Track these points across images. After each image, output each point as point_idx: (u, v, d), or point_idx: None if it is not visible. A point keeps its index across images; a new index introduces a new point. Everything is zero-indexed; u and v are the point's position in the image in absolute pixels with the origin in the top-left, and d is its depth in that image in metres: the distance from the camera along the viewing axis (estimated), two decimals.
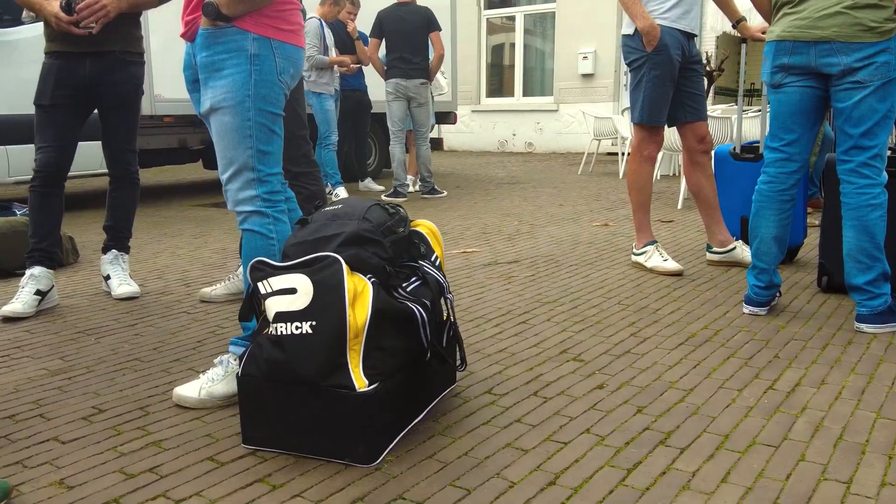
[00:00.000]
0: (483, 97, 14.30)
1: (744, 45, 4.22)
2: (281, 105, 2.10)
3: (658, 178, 8.03)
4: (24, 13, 5.55)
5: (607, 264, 3.93)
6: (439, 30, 6.81)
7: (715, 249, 3.83)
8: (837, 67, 2.64)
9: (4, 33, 5.55)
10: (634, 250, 3.85)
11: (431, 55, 6.92)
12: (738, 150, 4.10)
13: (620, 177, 8.60)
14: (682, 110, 3.71)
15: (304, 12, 2.63)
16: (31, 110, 3.15)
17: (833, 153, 2.97)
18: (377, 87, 7.40)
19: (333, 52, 6.74)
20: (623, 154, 8.82)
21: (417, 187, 7.34)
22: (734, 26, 3.74)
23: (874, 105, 2.63)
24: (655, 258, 3.72)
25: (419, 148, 7.02)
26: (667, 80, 3.57)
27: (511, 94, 14.07)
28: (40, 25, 3.19)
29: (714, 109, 6.77)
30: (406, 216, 2.09)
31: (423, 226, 2.16)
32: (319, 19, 6.67)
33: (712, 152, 3.86)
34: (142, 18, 3.35)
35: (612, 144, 10.49)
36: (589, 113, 9.42)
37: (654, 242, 3.79)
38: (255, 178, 2.07)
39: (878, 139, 2.67)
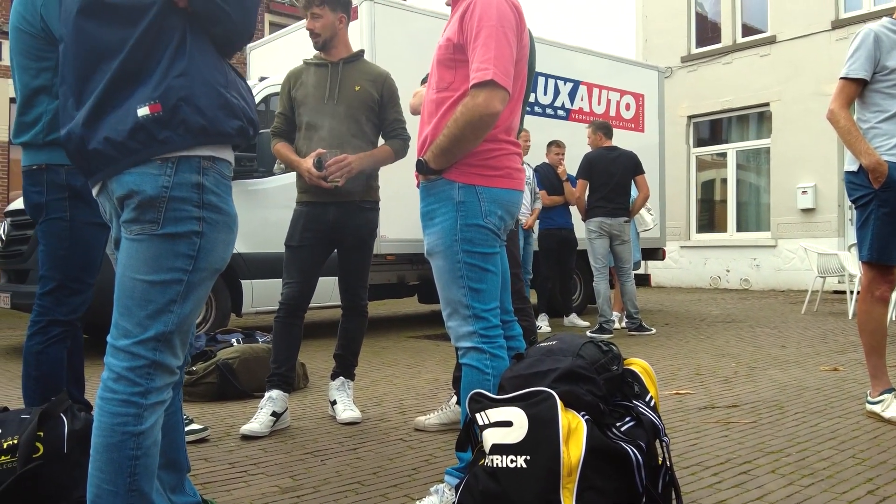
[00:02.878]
0: (693, 233, 14.01)
1: None
2: (492, 244, 2.24)
3: (894, 319, 7.31)
4: (276, 165, 6.41)
5: (838, 413, 3.61)
6: (644, 173, 6.95)
7: None
8: None
9: (259, 183, 6.40)
10: (869, 398, 3.51)
11: (634, 195, 7.06)
12: None
13: (850, 317, 7.93)
14: None
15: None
16: (275, 249, 3.58)
17: None
18: (580, 229, 7.61)
19: (528, 193, 7.09)
20: (852, 292, 8.17)
21: (623, 324, 7.25)
22: None
23: None
24: (894, 408, 3.37)
25: (623, 284, 7.00)
26: None
27: (724, 229, 13.67)
28: (287, 176, 3.67)
29: None
30: (619, 354, 2.11)
31: (637, 364, 2.17)
32: None
33: None
34: None
35: (839, 282, 9.76)
36: (812, 249, 8.89)
37: (892, 390, 3.44)
38: (470, 315, 2.20)
39: None
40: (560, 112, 8.56)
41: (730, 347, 5.97)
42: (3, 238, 6.23)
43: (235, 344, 4.55)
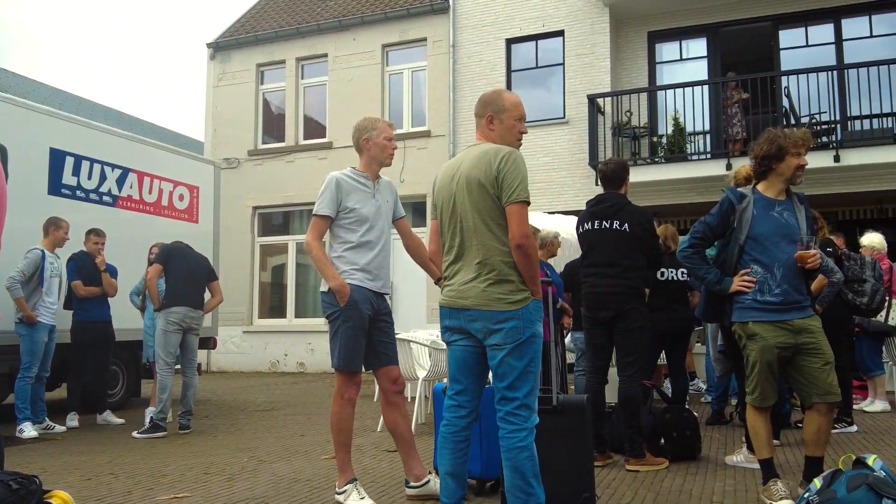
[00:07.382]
0: (255, 318, 14.46)
1: None
2: None
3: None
4: None
5: None
6: (217, 279, 7.20)
7: (412, 484, 4.10)
8: (480, 332, 3.12)
9: None
10: (337, 489, 4.02)
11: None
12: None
13: (375, 399, 8.83)
14: (377, 357, 4.12)
15: None
16: None
17: None
18: (119, 319, 7.50)
19: (51, 284, 6.81)
20: None
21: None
22: (436, 283, 3.84)
23: (512, 363, 3.08)
24: (353, 496, 3.91)
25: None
26: (358, 330, 3.99)
27: (285, 315, 14.37)
28: None
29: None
30: (36, 490, 2.15)
31: (58, 497, 2.23)
32: (42, 250, 6.77)
33: (406, 392, 4.24)
34: None
35: None
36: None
37: (353, 480, 3.99)
38: None
39: (520, 391, 3.09)
40: (106, 198, 8.29)
41: (253, 440, 6.26)
42: None
43: None
